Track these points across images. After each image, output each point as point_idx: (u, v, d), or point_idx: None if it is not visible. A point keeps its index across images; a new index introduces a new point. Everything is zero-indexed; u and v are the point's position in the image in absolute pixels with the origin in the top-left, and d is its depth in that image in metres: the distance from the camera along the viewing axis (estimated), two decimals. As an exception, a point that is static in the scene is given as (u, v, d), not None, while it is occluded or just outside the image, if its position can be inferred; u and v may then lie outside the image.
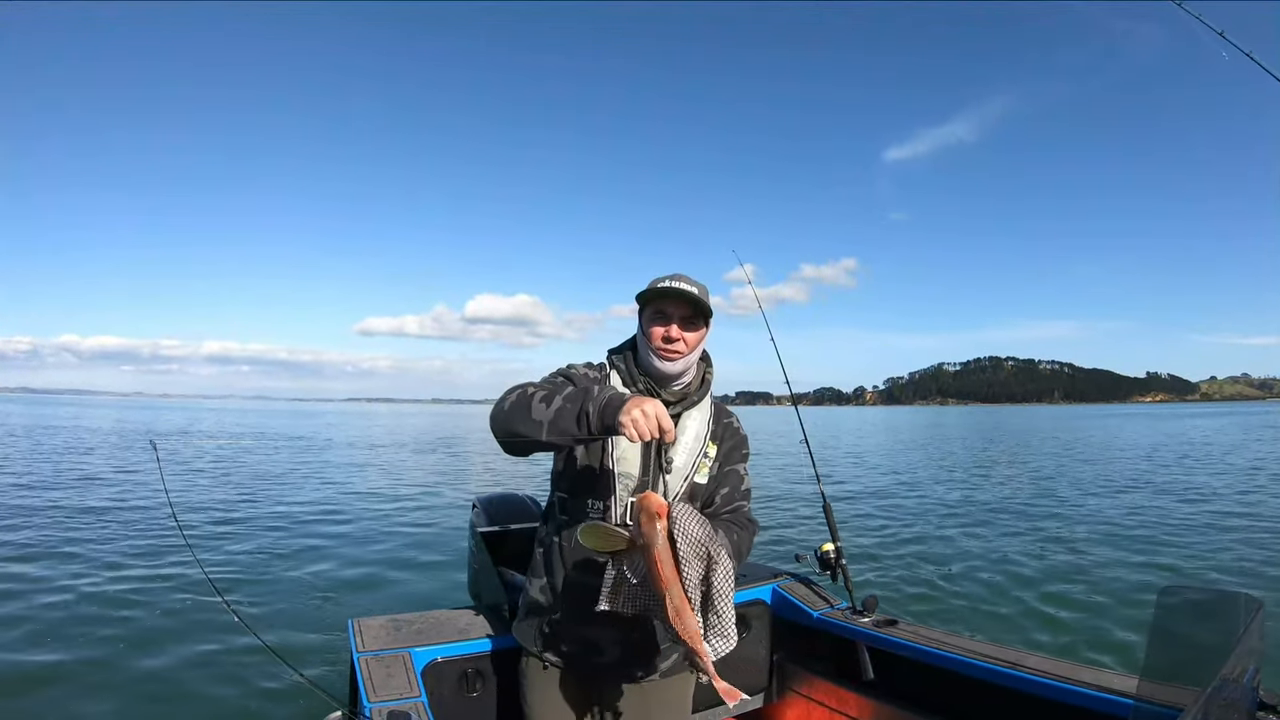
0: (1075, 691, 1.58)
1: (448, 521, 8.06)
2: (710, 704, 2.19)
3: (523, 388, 1.38)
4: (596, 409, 1.24)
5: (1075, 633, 4.35)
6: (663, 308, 1.46)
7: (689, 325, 1.47)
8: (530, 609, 1.56)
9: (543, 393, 1.32)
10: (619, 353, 1.57)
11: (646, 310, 1.50)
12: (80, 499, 8.98)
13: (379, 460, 17.28)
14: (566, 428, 1.26)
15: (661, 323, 1.46)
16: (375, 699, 1.61)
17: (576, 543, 1.44)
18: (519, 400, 1.33)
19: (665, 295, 1.45)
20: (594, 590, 1.45)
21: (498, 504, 2.55)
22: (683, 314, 1.46)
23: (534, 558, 1.59)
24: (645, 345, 1.49)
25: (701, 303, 1.45)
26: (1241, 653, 1.01)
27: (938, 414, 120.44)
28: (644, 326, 1.51)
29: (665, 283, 1.45)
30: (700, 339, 1.51)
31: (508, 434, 1.34)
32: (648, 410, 1.19)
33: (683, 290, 1.43)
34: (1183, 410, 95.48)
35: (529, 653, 1.55)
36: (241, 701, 3.32)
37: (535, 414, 1.29)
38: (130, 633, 4.11)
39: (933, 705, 1.89)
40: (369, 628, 1.96)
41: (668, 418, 1.20)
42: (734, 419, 1.61)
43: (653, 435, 1.19)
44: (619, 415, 1.19)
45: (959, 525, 8.03)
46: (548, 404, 1.29)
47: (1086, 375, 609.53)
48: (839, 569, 2.34)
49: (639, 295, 1.50)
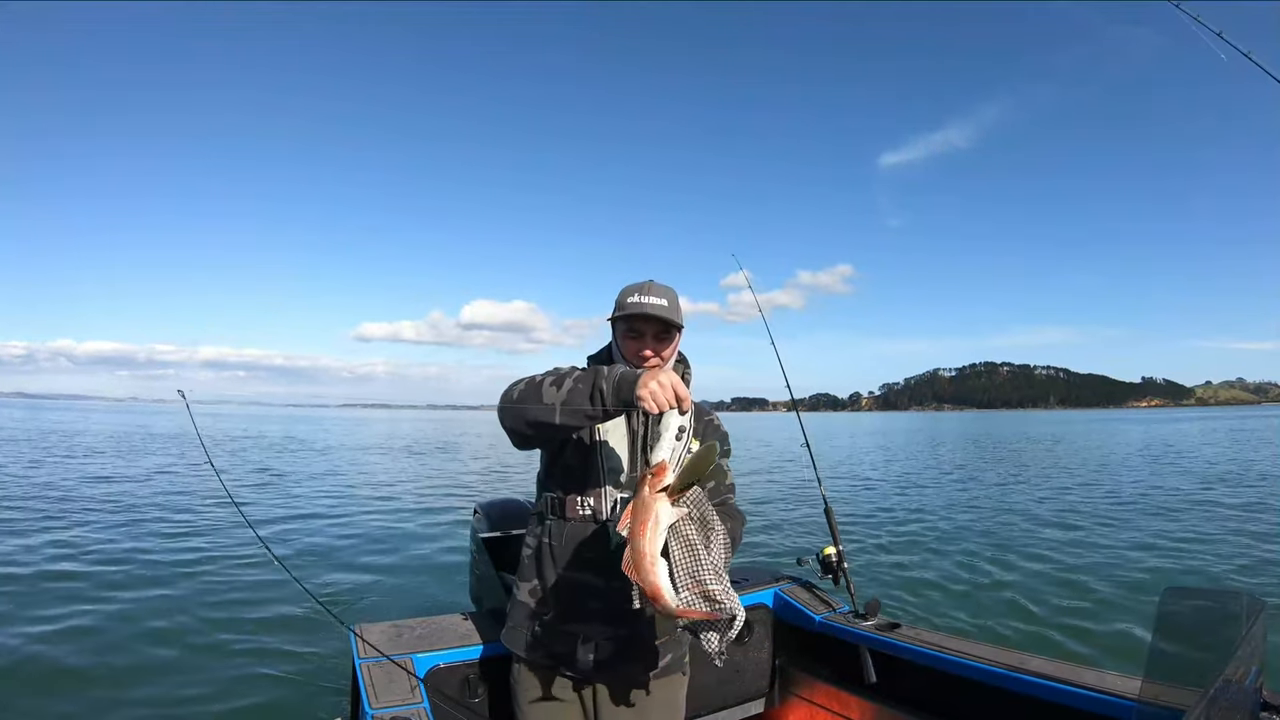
0: (1077, 694, 1.58)
1: (449, 527, 8.04)
2: (710, 708, 2.19)
3: (529, 376, 1.39)
4: (611, 385, 1.26)
5: (1077, 635, 4.35)
6: (635, 325, 1.49)
7: (662, 340, 1.51)
8: (519, 612, 1.55)
9: (551, 377, 1.34)
10: (598, 359, 1.60)
11: (619, 326, 1.52)
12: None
13: (378, 465, 17.23)
14: (580, 406, 1.27)
15: (635, 339, 1.50)
16: (377, 705, 1.60)
17: (566, 542, 1.47)
18: (528, 387, 1.35)
19: (638, 316, 1.47)
20: (584, 590, 1.45)
21: (499, 509, 2.55)
22: (655, 330, 1.49)
23: (522, 561, 1.58)
24: (622, 360, 1.52)
25: (672, 322, 1.48)
26: (1244, 654, 1.01)
27: (934, 420, 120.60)
28: (618, 341, 1.54)
29: (635, 297, 1.48)
30: (675, 347, 1.55)
31: (520, 421, 1.35)
32: (664, 381, 1.22)
33: (653, 315, 1.46)
34: (1177, 415, 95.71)
35: (519, 658, 1.54)
36: (240, 705, 3.30)
37: (546, 397, 1.31)
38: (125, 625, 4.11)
39: (935, 708, 1.89)
40: (370, 633, 1.95)
41: (684, 386, 1.23)
42: (714, 417, 1.64)
43: (671, 405, 1.22)
44: (636, 389, 1.22)
45: (959, 528, 8.04)
46: (558, 386, 1.31)
47: (1082, 380, 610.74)
48: (841, 572, 2.34)
49: (612, 313, 1.53)
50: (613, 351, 1.57)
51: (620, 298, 1.52)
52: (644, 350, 1.49)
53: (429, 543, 7.24)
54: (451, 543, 7.05)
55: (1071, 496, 10.77)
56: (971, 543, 7.17)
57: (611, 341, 1.58)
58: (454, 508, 9.66)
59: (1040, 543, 7.11)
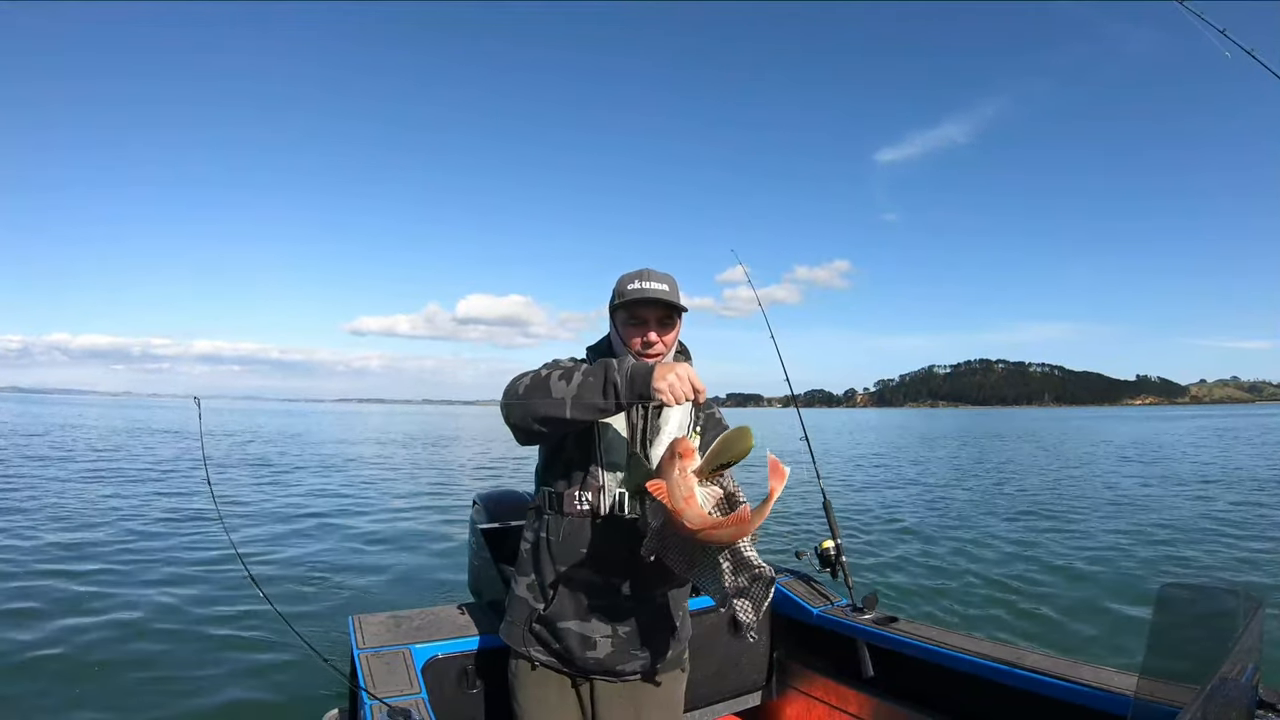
0: (1075, 689, 1.59)
1: (448, 518, 8.06)
2: (707, 701, 2.20)
3: (534, 371, 1.37)
4: (625, 378, 1.24)
5: (1075, 629, 4.38)
6: (637, 313, 1.45)
7: (664, 326, 1.47)
8: (517, 608, 1.53)
9: (558, 372, 1.32)
10: (597, 350, 1.56)
11: (619, 314, 1.48)
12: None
13: (378, 457, 17.24)
14: (593, 401, 1.26)
15: (638, 328, 1.46)
16: (376, 695, 1.61)
17: (564, 538, 1.45)
18: (534, 382, 1.33)
19: (640, 302, 1.44)
20: (583, 585, 1.44)
21: (498, 501, 2.55)
22: (658, 315, 1.46)
23: (520, 555, 1.56)
24: (623, 350, 1.48)
25: (675, 304, 1.45)
26: (1241, 650, 1.01)
27: (929, 416, 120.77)
28: (619, 331, 1.50)
29: (635, 284, 1.45)
30: (677, 334, 1.51)
31: (527, 417, 1.32)
32: (681, 374, 1.21)
33: (657, 297, 1.43)
34: (1171, 413, 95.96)
35: (517, 653, 1.52)
36: (240, 696, 3.31)
37: (556, 392, 1.28)
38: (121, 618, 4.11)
39: (933, 702, 1.90)
40: (369, 624, 1.95)
41: (699, 379, 1.23)
42: (715, 409, 1.61)
43: (688, 398, 1.21)
44: (652, 382, 1.21)
45: (957, 523, 8.07)
46: (568, 381, 1.29)
47: (1077, 378, 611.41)
48: (839, 566, 2.34)
49: (611, 302, 1.49)
50: (612, 342, 1.53)
51: (619, 285, 1.49)
52: (648, 336, 1.45)
53: (428, 534, 7.26)
54: (450, 534, 7.07)
55: (1069, 491, 10.82)
56: (969, 537, 7.20)
57: (610, 332, 1.54)
58: (453, 499, 9.68)
59: (1038, 538, 7.15)
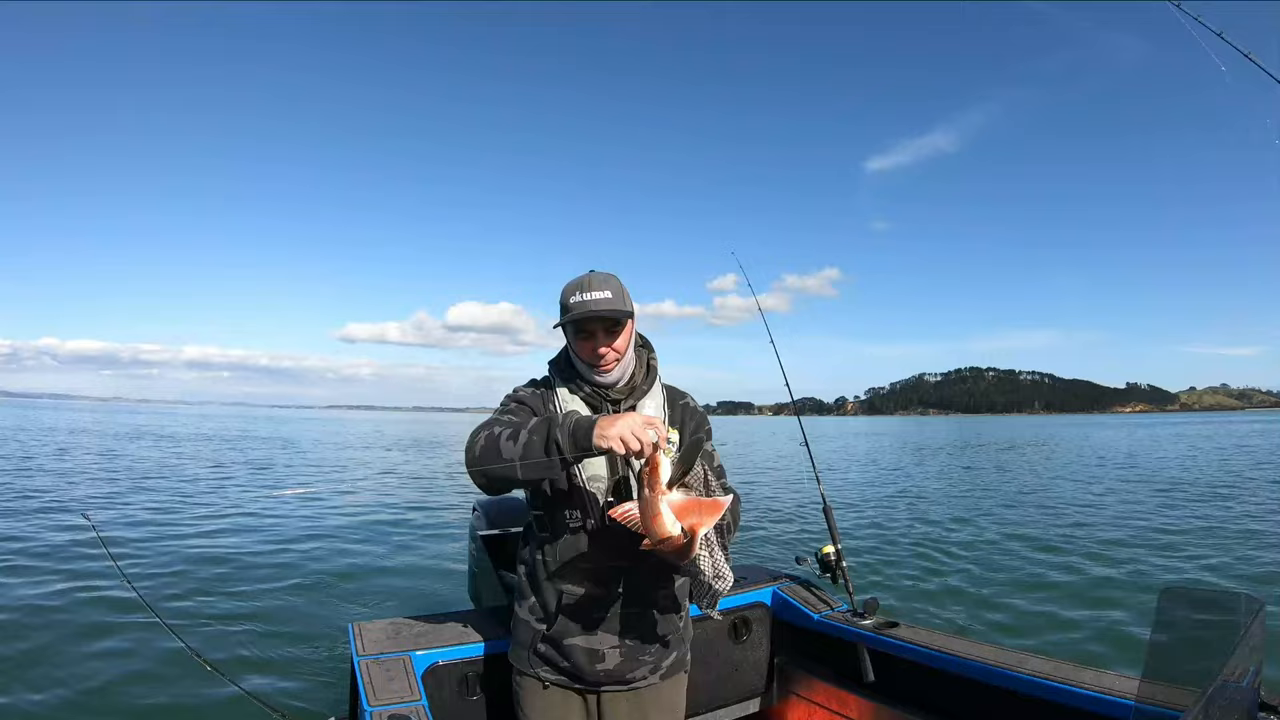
0: (1076, 693, 1.59)
1: (448, 524, 8.02)
2: (708, 707, 2.19)
3: (489, 428, 1.36)
4: (566, 435, 1.23)
5: (1075, 634, 4.37)
6: (583, 325, 1.42)
7: (613, 333, 1.43)
8: (522, 631, 1.53)
9: (508, 430, 1.31)
10: (556, 364, 1.55)
11: (569, 328, 1.46)
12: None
13: (373, 463, 17.19)
14: (538, 461, 1.25)
15: (587, 340, 1.44)
16: (376, 702, 1.59)
17: (560, 556, 1.45)
18: (487, 443, 1.32)
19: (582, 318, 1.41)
20: (585, 602, 1.44)
21: (498, 507, 2.55)
22: (605, 326, 1.42)
23: (519, 580, 1.56)
24: (578, 361, 1.47)
25: (620, 315, 1.41)
26: (1242, 653, 1.02)
27: (920, 424, 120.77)
28: (571, 344, 1.48)
29: (577, 296, 1.41)
30: (629, 337, 1.47)
31: (486, 478, 1.33)
32: (629, 426, 1.20)
33: (598, 311, 1.39)
34: (1160, 420, 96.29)
35: (525, 674, 1.52)
36: (240, 705, 3.29)
37: (505, 453, 1.28)
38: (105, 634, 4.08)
39: (934, 707, 1.90)
40: (369, 631, 1.94)
41: (656, 424, 1.23)
42: (689, 399, 1.58)
43: (643, 450, 1.20)
44: (593, 438, 1.21)
45: (957, 528, 8.09)
46: (514, 440, 1.28)
47: (1067, 385, 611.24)
48: (839, 571, 2.35)
49: (559, 321, 1.46)
50: (570, 352, 1.51)
51: (563, 298, 1.44)
52: (598, 350, 1.43)
53: (428, 540, 7.22)
54: (450, 540, 7.04)
55: (1065, 495, 10.83)
56: (968, 542, 7.21)
57: (567, 345, 1.52)
58: (453, 505, 9.64)
59: (1038, 542, 7.17)
